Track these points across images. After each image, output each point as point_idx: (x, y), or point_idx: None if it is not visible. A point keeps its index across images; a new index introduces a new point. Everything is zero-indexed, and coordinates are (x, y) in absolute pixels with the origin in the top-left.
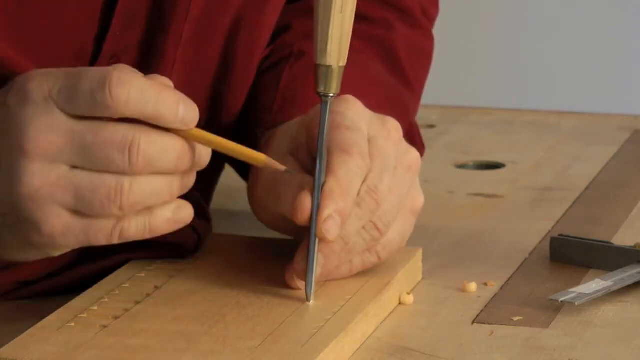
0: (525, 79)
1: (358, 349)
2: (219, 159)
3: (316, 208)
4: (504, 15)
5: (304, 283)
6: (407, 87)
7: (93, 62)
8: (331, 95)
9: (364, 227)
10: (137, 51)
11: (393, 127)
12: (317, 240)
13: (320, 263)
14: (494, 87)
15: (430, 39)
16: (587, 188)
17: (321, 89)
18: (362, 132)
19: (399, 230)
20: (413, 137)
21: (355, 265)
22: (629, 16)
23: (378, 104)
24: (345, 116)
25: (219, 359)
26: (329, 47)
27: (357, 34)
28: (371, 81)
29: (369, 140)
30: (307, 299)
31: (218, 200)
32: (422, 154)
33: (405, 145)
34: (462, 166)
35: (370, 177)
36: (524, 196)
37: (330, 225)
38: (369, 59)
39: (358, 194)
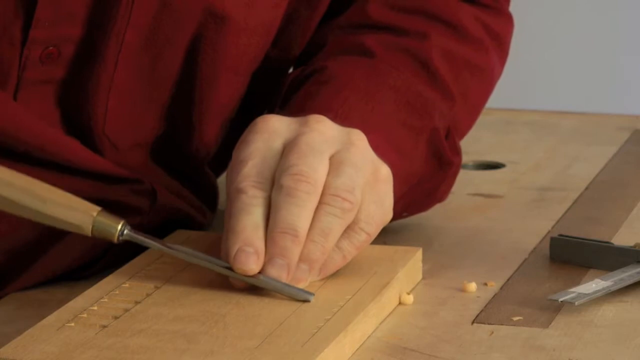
0: (525, 79)
1: (358, 349)
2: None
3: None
4: None
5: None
6: (440, 93)
7: (22, 49)
8: (120, 228)
9: (326, 203)
10: (77, 47)
11: (315, 122)
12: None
13: (280, 265)
14: None
15: (488, 54)
16: (587, 188)
17: (115, 237)
18: (264, 153)
19: (373, 200)
20: (440, 145)
21: (347, 249)
22: (628, 16)
23: (387, 108)
24: (245, 145)
25: (218, 359)
26: (75, 218)
27: (391, 46)
28: (385, 87)
29: (287, 144)
30: (307, 300)
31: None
32: (455, 163)
33: (340, 129)
34: (462, 166)
35: (289, 167)
36: (524, 196)
37: (242, 258)
38: (394, 68)
39: (282, 186)
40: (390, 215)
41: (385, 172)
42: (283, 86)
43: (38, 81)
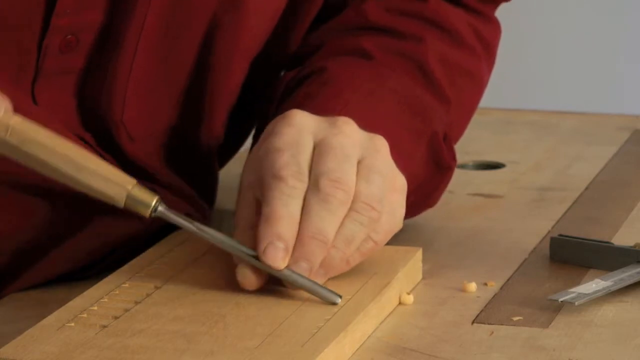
0: (525, 79)
1: (358, 349)
2: (209, 155)
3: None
4: (503, 16)
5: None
6: (437, 97)
7: (42, 37)
8: (154, 204)
9: (356, 210)
10: (96, 34)
11: (343, 123)
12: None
13: (304, 268)
14: (493, 87)
15: (479, 61)
16: (587, 188)
17: (148, 212)
18: (298, 146)
19: (387, 210)
20: (439, 149)
21: (353, 257)
22: (628, 16)
23: (389, 110)
24: (280, 134)
25: (218, 359)
26: (110, 189)
27: (389, 49)
28: (385, 90)
29: (318, 143)
30: (335, 303)
31: (218, 200)
32: (452, 167)
33: (365, 134)
34: (461, 166)
35: (328, 171)
36: (524, 196)
37: (271, 252)
38: (393, 71)
39: (320, 190)
40: (400, 225)
41: (401, 182)
42: (279, 85)
43: (57, 71)
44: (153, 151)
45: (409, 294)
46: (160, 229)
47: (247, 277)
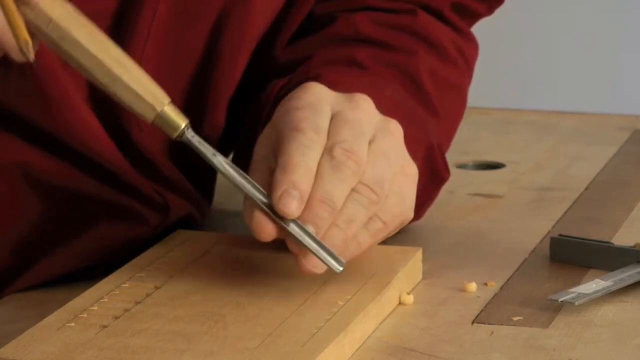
0: (525, 79)
1: (358, 349)
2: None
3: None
4: (503, 15)
5: (321, 264)
6: (428, 109)
7: None
8: (183, 127)
9: (356, 191)
10: (110, 19)
11: (361, 99)
12: (292, 223)
13: (311, 232)
14: (493, 87)
15: (463, 76)
16: (587, 188)
17: (174, 135)
18: (316, 109)
19: (395, 191)
20: (434, 160)
21: (363, 238)
22: (628, 15)
23: (387, 115)
24: (298, 98)
25: (218, 359)
26: (140, 106)
27: (381, 60)
28: (383, 98)
29: (335, 114)
30: (336, 270)
31: (218, 200)
32: (446, 179)
33: (381, 115)
34: (462, 166)
35: (343, 141)
36: (524, 196)
37: (286, 200)
38: (387, 81)
39: (333, 157)
40: (409, 212)
41: (412, 169)
42: (270, 92)
43: None
44: (159, 143)
45: (409, 294)
46: (161, 231)
47: (262, 224)
